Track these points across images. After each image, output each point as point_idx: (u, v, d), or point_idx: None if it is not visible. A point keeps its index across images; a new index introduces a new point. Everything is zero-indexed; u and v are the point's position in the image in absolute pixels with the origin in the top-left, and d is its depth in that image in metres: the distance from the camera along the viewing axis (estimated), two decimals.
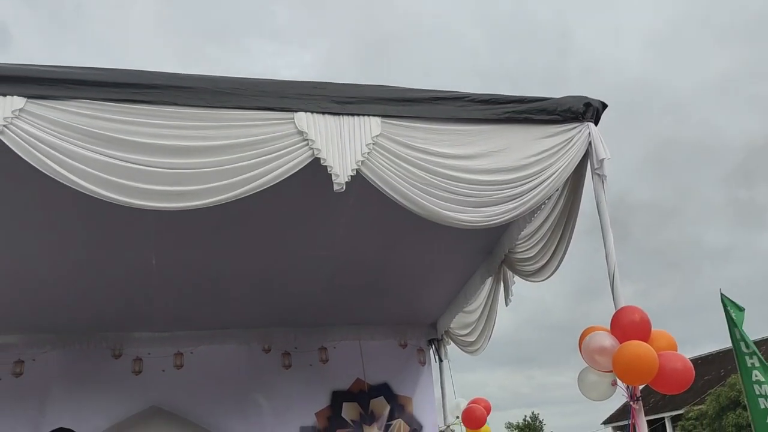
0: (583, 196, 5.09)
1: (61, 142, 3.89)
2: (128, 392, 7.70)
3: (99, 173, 3.93)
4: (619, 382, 4.24)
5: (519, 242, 5.99)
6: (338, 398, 8.20)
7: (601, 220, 4.74)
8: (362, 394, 8.26)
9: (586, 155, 4.88)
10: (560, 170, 4.82)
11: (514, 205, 4.71)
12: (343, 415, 8.15)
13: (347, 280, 6.99)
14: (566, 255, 5.34)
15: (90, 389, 7.60)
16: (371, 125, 4.42)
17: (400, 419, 8.26)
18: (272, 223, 5.73)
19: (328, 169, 4.24)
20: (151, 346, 7.85)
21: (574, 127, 4.89)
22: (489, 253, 6.67)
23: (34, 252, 5.81)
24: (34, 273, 6.16)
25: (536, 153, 4.75)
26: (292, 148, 4.25)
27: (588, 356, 4.29)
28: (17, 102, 3.86)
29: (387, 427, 8.21)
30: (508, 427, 47.96)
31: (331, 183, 4.24)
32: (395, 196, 4.40)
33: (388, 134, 4.44)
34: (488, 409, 8.10)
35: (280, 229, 5.86)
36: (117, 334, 7.75)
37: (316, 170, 4.23)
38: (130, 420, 7.61)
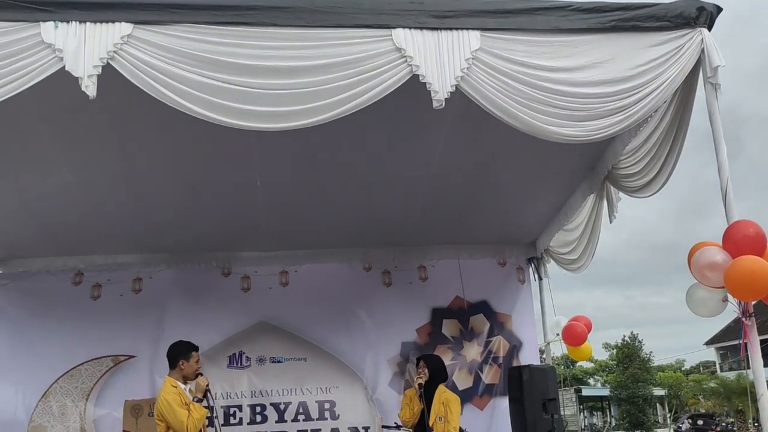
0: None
1: (168, 66, 4.01)
2: (238, 308, 8.11)
3: (204, 96, 4.04)
4: (730, 298, 4.11)
5: (623, 157, 5.80)
6: (438, 315, 8.36)
7: (714, 131, 4.51)
8: (462, 312, 8.37)
9: (698, 63, 4.61)
10: (669, 80, 4.59)
11: (620, 118, 4.55)
12: (443, 331, 8.32)
13: (446, 199, 6.99)
14: (675, 170, 5.14)
15: (203, 305, 8.05)
16: (470, 39, 4.32)
17: (499, 336, 8.35)
18: (371, 143, 5.76)
19: (427, 86, 4.20)
20: (258, 264, 8.18)
21: (686, 34, 4.62)
22: (591, 169, 6.49)
23: (148, 176, 6.10)
24: (148, 196, 6.49)
25: (644, 63, 4.53)
26: (390, 65, 4.22)
27: (698, 272, 4.18)
28: (125, 28, 3.99)
29: (486, 343, 8.32)
30: (605, 348, 47.75)
31: (430, 100, 4.20)
32: (496, 112, 4.33)
33: (488, 48, 4.34)
34: (589, 327, 8.06)
35: (379, 148, 5.89)
36: (226, 253, 8.11)
37: (414, 87, 4.20)
38: (241, 334, 8.05)
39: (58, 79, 3.89)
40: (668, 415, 44.14)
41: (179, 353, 5.43)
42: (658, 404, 45.08)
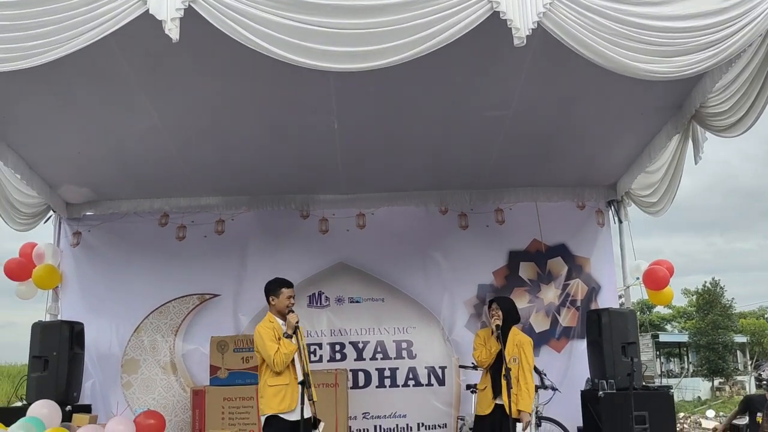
0: None
1: (247, 8, 4.02)
2: (316, 249, 8.29)
3: (284, 37, 4.05)
4: None
5: (712, 95, 5.55)
6: (515, 258, 8.32)
7: None
8: (539, 254, 8.32)
9: None
10: (765, 13, 4.33)
11: (711, 53, 4.35)
12: (520, 274, 8.29)
13: (524, 140, 6.88)
14: (765, 109, 4.89)
15: (283, 246, 8.26)
16: None
17: (577, 279, 8.26)
18: (449, 83, 5.68)
19: (508, 23, 4.09)
20: (336, 207, 8.31)
21: None
22: (678, 107, 6.24)
23: (230, 119, 6.21)
24: (229, 139, 6.63)
25: None
26: (470, 2, 4.12)
27: None
28: None
29: (564, 286, 8.26)
30: (684, 294, 46.67)
31: (510, 38, 4.10)
32: (580, 49, 4.19)
33: None
34: (671, 271, 7.88)
35: (457, 88, 5.80)
36: (304, 196, 8.24)
37: (494, 25, 4.10)
38: (319, 274, 8.25)
39: (143, 23, 3.96)
40: (749, 363, 43.06)
41: (269, 290, 5.63)
42: (738, 351, 44.03)
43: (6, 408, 6.82)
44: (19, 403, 6.90)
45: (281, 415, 5.26)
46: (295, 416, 5.26)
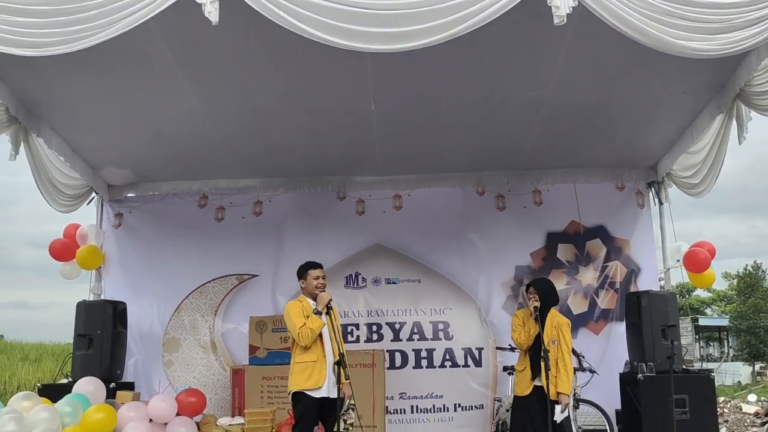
0: None
1: None
2: (353, 230, 8.33)
3: (321, 18, 4.05)
4: None
5: (758, 73, 5.40)
6: (553, 239, 8.26)
7: None
8: (578, 236, 8.24)
9: None
10: None
11: (758, 29, 4.23)
12: (558, 255, 8.23)
13: (562, 121, 6.79)
14: None
15: (320, 228, 8.32)
16: None
17: (616, 261, 8.17)
18: (487, 63, 5.63)
19: (548, 1, 4.03)
20: (372, 188, 8.33)
21: None
22: (721, 87, 6.09)
23: (267, 101, 6.25)
24: (267, 121, 6.66)
25: None
26: None
27: None
28: None
29: (603, 268, 8.18)
30: (725, 277, 45.90)
31: (549, 17, 4.04)
32: (621, 27, 4.11)
33: None
34: (712, 253, 7.74)
35: (495, 69, 5.74)
36: (341, 177, 8.28)
37: (533, 3, 4.05)
38: (356, 255, 8.30)
39: (183, 7, 3.99)
40: None
41: (298, 274, 5.75)
42: None
43: (52, 385, 6.99)
44: (64, 380, 7.08)
45: (307, 392, 5.34)
46: (321, 393, 5.34)
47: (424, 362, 8.00)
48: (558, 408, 5.70)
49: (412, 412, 7.86)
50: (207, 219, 8.39)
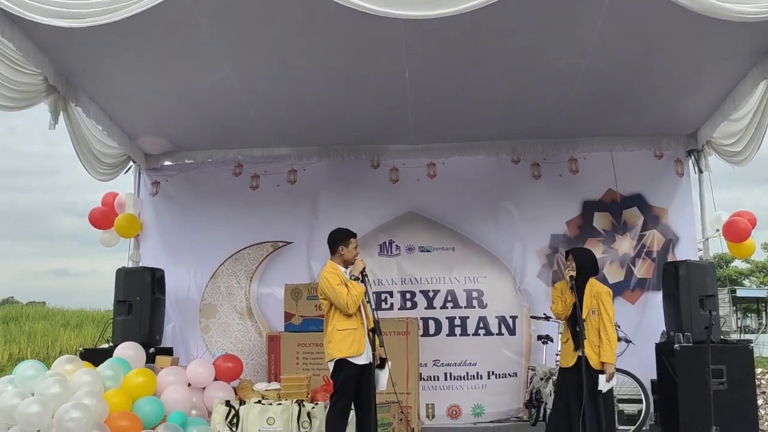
0: None
1: None
2: (387, 199, 8.34)
3: None
4: None
5: None
6: (589, 208, 8.18)
7: None
8: (614, 205, 8.14)
9: None
10: None
11: None
12: (594, 224, 8.15)
13: (600, 89, 6.66)
14: None
15: (353, 196, 8.34)
16: None
17: (654, 230, 8.07)
18: (523, 30, 5.53)
19: None
20: (406, 157, 8.30)
21: None
22: (765, 53, 5.93)
23: (301, 70, 6.23)
24: (300, 89, 6.65)
25: None
26: None
27: None
28: None
29: (640, 237, 8.08)
30: (764, 248, 45.00)
31: None
32: None
33: None
34: (753, 223, 7.59)
35: (531, 36, 5.64)
36: (375, 146, 8.26)
37: None
38: (390, 223, 8.32)
39: None
40: None
41: (339, 240, 5.67)
42: None
43: (94, 349, 7.16)
44: (105, 345, 7.24)
45: (350, 359, 5.36)
46: (363, 360, 5.37)
47: (457, 330, 8.02)
48: (602, 378, 5.66)
49: (445, 379, 7.92)
50: (242, 187, 8.45)
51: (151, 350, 7.07)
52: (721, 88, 6.71)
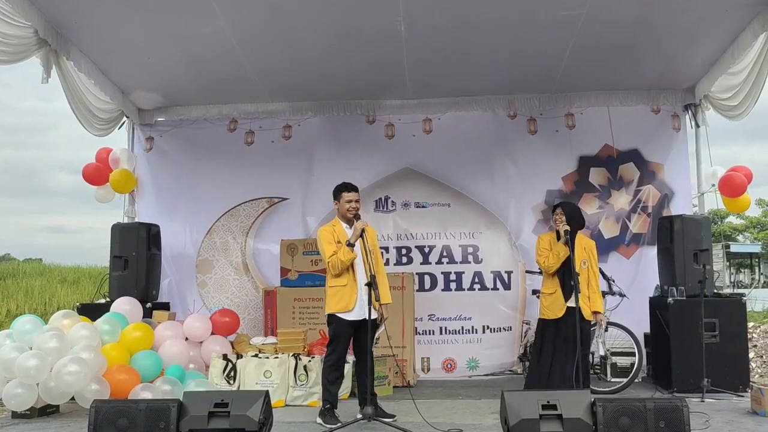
0: None
1: None
2: (383, 154, 8.30)
3: None
4: None
5: None
6: (586, 163, 8.16)
7: None
8: (611, 160, 8.12)
9: None
10: None
11: None
12: (590, 179, 8.14)
13: (597, 42, 6.61)
14: None
15: (349, 152, 8.30)
16: None
17: (650, 185, 8.06)
18: None
19: None
20: (402, 112, 8.24)
21: None
22: (766, 3, 5.86)
23: (296, 23, 6.15)
24: (295, 42, 6.58)
25: None
26: None
27: None
28: None
29: (636, 192, 8.08)
30: (758, 204, 45.18)
31: None
32: None
33: None
34: (749, 178, 7.58)
35: None
36: (370, 101, 8.20)
37: None
38: (386, 179, 8.30)
39: None
40: None
41: (334, 194, 5.68)
42: None
43: (91, 304, 7.19)
44: (102, 300, 7.27)
45: (339, 315, 5.42)
46: (353, 316, 5.41)
47: (452, 285, 8.06)
48: (599, 328, 5.87)
49: (440, 333, 7.98)
50: (237, 143, 8.41)
51: (148, 305, 7.11)
52: (720, 40, 6.66)
